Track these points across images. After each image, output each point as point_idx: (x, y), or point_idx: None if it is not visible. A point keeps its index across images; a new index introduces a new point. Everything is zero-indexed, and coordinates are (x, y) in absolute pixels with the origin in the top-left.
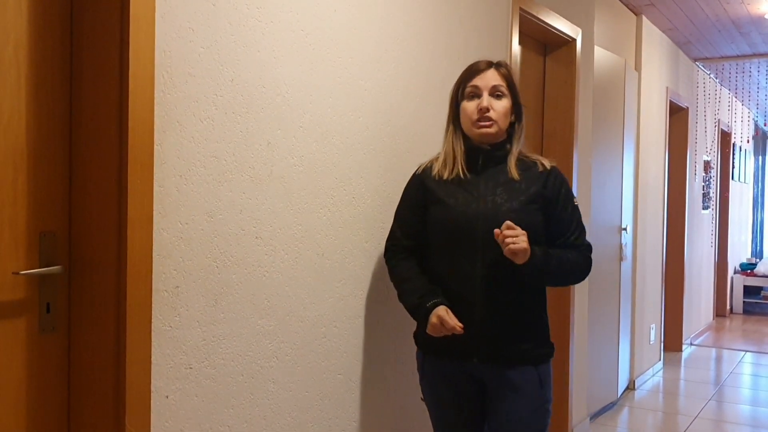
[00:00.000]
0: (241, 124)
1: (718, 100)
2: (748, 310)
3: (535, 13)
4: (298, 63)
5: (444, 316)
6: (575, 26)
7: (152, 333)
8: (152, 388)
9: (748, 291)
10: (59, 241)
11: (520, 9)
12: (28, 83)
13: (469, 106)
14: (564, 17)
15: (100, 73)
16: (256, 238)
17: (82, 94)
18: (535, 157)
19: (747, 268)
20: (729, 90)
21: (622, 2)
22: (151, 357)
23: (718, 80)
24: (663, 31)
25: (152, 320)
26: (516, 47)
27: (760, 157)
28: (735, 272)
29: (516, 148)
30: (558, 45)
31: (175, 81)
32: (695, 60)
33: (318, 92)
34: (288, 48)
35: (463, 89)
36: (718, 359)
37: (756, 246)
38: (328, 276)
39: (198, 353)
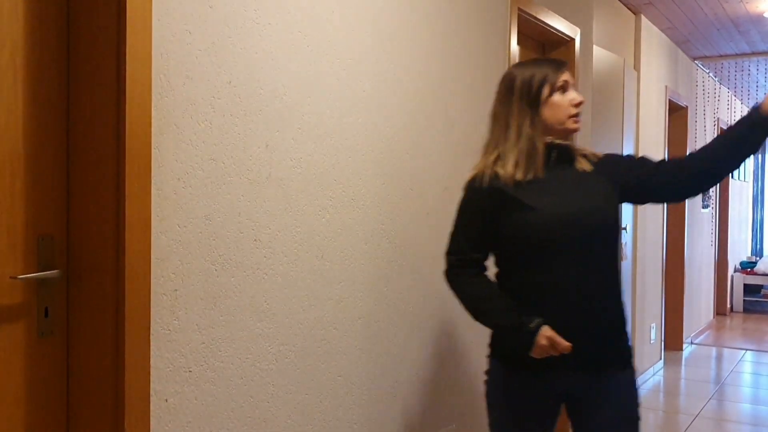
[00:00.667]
0: (239, 126)
1: (717, 98)
2: (749, 309)
3: (533, 13)
4: (296, 65)
5: (554, 336)
6: (574, 26)
7: (151, 336)
8: (151, 392)
9: (749, 289)
10: (57, 244)
11: (519, 9)
12: (25, 87)
13: (564, 101)
14: (562, 17)
15: (97, 76)
16: (255, 240)
17: (79, 98)
18: (586, 149)
19: (747, 267)
20: (728, 88)
21: (620, 1)
22: (150, 361)
23: (717, 79)
24: (662, 30)
25: (151, 324)
26: (515, 47)
27: (760, 156)
28: (735, 271)
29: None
30: (557, 44)
31: (173, 84)
32: (694, 59)
33: (316, 94)
34: (286, 50)
35: (553, 82)
36: (719, 358)
37: (756, 244)
38: (327, 278)
39: (197, 356)
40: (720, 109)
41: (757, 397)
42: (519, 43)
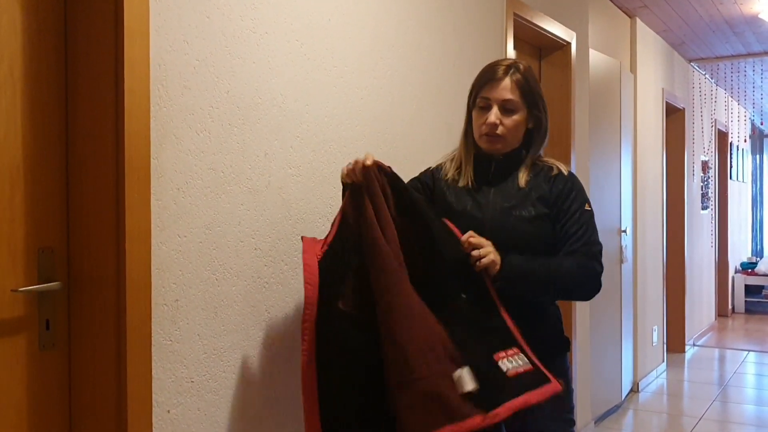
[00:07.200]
0: (237, 135)
1: (714, 100)
2: (750, 310)
3: (529, 18)
4: (294, 73)
5: (357, 161)
6: (569, 30)
7: (153, 347)
8: (154, 403)
9: (750, 290)
10: (58, 257)
11: (515, 14)
12: (23, 100)
13: (479, 118)
14: (558, 21)
15: (95, 87)
16: (255, 249)
17: (77, 109)
18: (552, 162)
19: (748, 267)
20: (725, 90)
21: (615, 5)
22: (152, 371)
23: (713, 80)
24: (657, 33)
25: (152, 334)
26: (511, 52)
27: (758, 156)
28: (736, 272)
29: (531, 156)
30: (553, 49)
31: (171, 94)
32: (690, 61)
33: (314, 102)
34: (283, 58)
35: (475, 97)
36: (722, 359)
37: (756, 245)
38: None
39: (199, 366)
40: (717, 110)
41: (761, 398)
42: (516, 47)
